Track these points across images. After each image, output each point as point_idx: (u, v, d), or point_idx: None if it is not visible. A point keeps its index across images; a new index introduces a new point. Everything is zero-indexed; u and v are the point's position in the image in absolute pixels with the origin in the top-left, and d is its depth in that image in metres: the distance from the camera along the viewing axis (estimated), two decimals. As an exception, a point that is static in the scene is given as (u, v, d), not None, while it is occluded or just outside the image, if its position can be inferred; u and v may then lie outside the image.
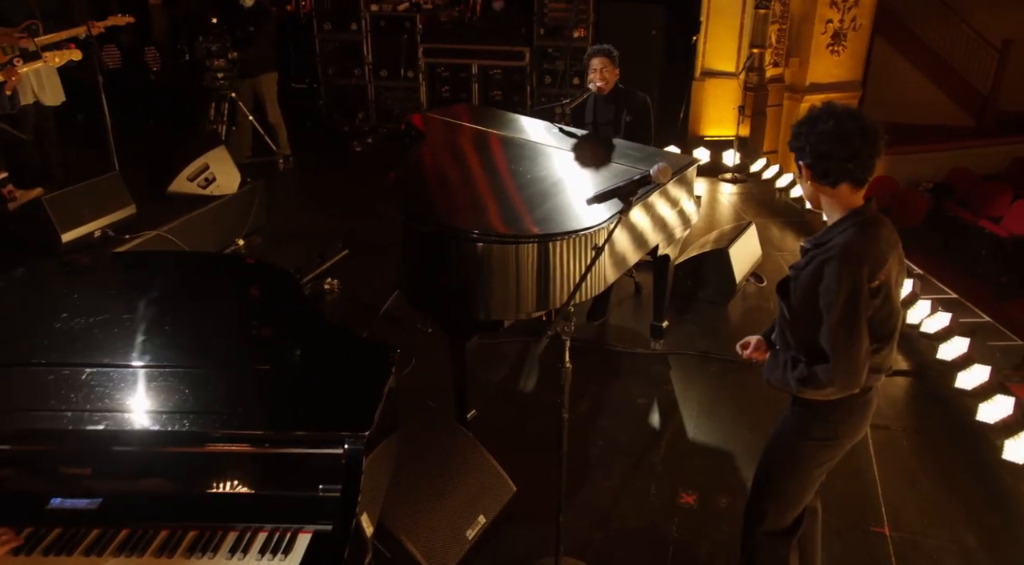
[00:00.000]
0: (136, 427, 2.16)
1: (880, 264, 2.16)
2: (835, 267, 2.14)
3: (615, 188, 2.39)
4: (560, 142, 4.40)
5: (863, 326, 2.15)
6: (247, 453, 2.13)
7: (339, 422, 2.18)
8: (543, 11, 8.49)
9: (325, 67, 9.20)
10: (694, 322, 5.05)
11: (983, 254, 7.99)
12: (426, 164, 4.15)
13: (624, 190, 2.37)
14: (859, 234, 2.18)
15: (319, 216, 6.96)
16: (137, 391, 2.28)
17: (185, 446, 2.13)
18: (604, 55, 4.77)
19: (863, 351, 2.16)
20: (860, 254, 2.14)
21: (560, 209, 3.51)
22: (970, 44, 11.87)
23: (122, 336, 2.45)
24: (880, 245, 2.18)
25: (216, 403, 2.23)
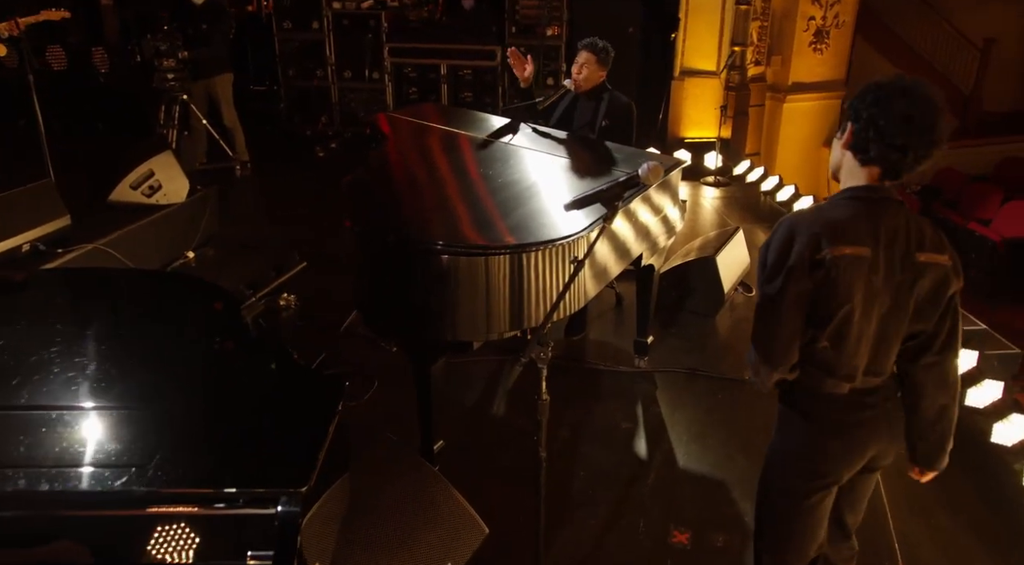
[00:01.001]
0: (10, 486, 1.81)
1: (840, 238, 1.89)
2: (780, 230, 1.99)
3: (598, 191, 2.09)
4: (534, 143, 4.10)
5: (787, 298, 1.91)
6: (152, 516, 1.79)
7: (271, 476, 1.84)
8: (514, 8, 8.21)
9: (286, 68, 8.84)
10: (680, 336, 4.76)
11: (973, 258, 7.81)
12: (387, 167, 3.83)
13: (608, 193, 2.07)
14: (830, 205, 2.01)
15: (278, 226, 6.60)
16: (19, 439, 1.92)
17: (68, 508, 1.78)
18: (591, 50, 4.46)
19: (785, 326, 1.94)
20: (813, 220, 1.94)
21: (534, 216, 3.20)
22: (951, 43, 11.79)
23: (18, 369, 2.10)
24: (857, 222, 1.92)
25: (118, 454, 1.88)
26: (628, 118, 4.59)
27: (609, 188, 2.05)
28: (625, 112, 4.58)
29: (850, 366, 2.00)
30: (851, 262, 1.89)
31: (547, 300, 3.03)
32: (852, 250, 1.88)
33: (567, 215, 3.23)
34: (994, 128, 11.52)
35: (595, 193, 2.09)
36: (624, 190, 2.05)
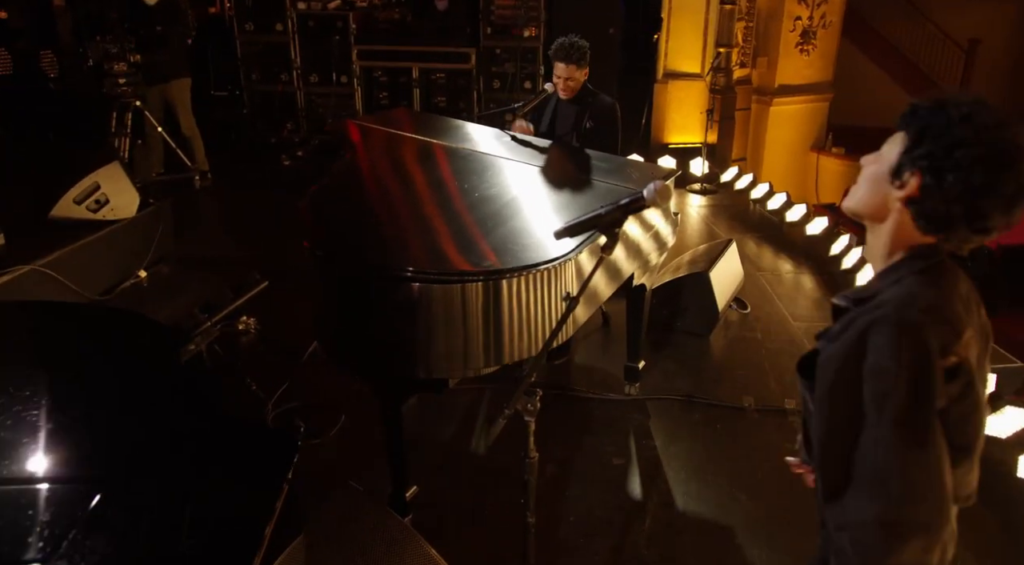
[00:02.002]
0: None
1: (957, 333, 1.42)
2: (889, 335, 1.39)
3: (595, 215, 1.79)
4: (513, 153, 3.80)
5: (936, 428, 1.39)
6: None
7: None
8: (489, 9, 7.92)
9: (248, 72, 8.48)
10: (673, 358, 4.48)
11: (969, 266, 7.60)
12: (352, 181, 3.51)
13: (607, 219, 1.77)
14: (926, 286, 1.45)
15: (239, 240, 6.25)
16: None
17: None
18: (566, 60, 4.18)
19: (943, 468, 1.39)
20: (929, 316, 1.40)
21: (516, 236, 2.90)
22: (936, 44, 11.69)
23: None
24: (956, 306, 1.46)
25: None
26: (613, 120, 4.33)
27: (608, 212, 1.76)
28: (609, 114, 4.32)
29: (969, 482, 1.56)
30: (970, 360, 1.45)
31: (532, 331, 2.73)
32: (965, 348, 1.44)
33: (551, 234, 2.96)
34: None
35: (591, 218, 1.79)
36: (626, 214, 1.76)
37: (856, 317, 1.47)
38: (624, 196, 1.78)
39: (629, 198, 1.76)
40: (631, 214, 1.76)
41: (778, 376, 4.29)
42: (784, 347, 4.59)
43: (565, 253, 2.75)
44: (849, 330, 1.46)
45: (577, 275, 2.87)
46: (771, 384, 4.22)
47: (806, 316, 5.00)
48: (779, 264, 5.92)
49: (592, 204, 3.25)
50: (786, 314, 5.01)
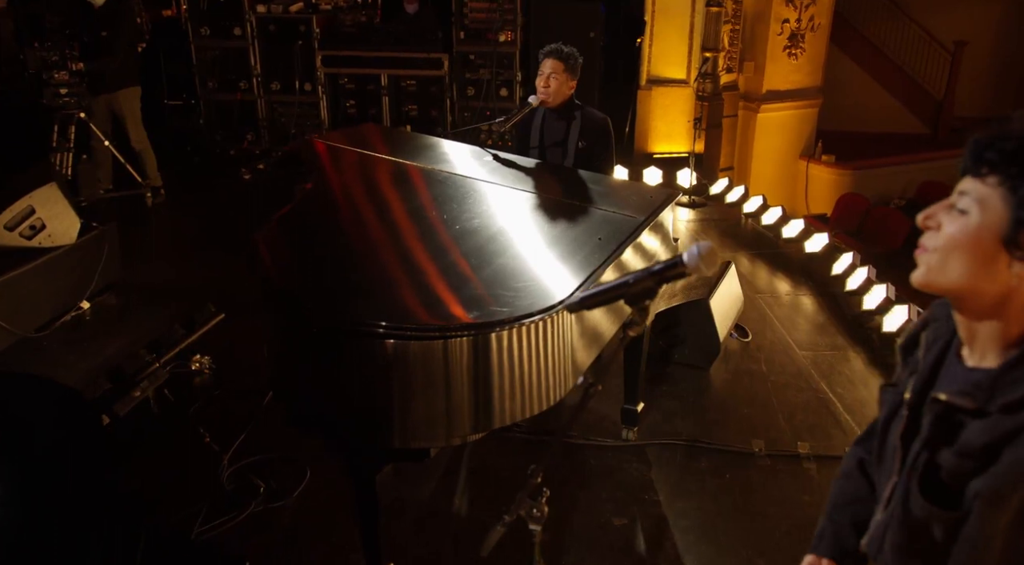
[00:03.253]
0: None
1: None
2: None
3: (619, 285, 1.45)
4: (496, 175, 3.47)
5: None
6: None
7: None
8: (463, 12, 7.59)
9: (204, 80, 8.06)
10: (672, 394, 4.17)
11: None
12: (315, 211, 3.15)
13: (636, 289, 1.43)
14: None
15: (195, 264, 5.84)
16: None
17: None
18: (557, 57, 3.88)
19: None
20: None
21: (505, 278, 2.56)
22: (922, 46, 11.57)
23: None
24: None
25: None
26: (606, 137, 4.04)
27: (637, 281, 1.42)
28: (602, 131, 4.03)
29: None
30: None
31: (526, 391, 2.40)
32: None
33: (549, 273, 2.63)
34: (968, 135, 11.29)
35: (615, 288, 1.45)
36: (659, 283, 1.43)
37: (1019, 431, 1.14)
38: (658, 261, 1.45)
39: (664, 264, 1.42)
40: (665, 282, 1.43)
41: (787, 414, 3.99)
42: (790, 381, 4.30)
43: (565, 298, 2.42)
44: (1017, 445, 1.13)
45: (580, 316, 2.55)
46: (780, 423, 3.92)
47: (810, 343, 4.72)
48: (776, 284, 5.65)
49: (589, 235, 2.93)
50: (790, 342, 4.73)
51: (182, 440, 3.76)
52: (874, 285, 4.94)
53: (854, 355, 4.61)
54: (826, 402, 4.11)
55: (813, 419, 3.96)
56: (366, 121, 7.92)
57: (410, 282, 2.52)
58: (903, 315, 4.53)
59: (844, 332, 4.88)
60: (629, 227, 3.02)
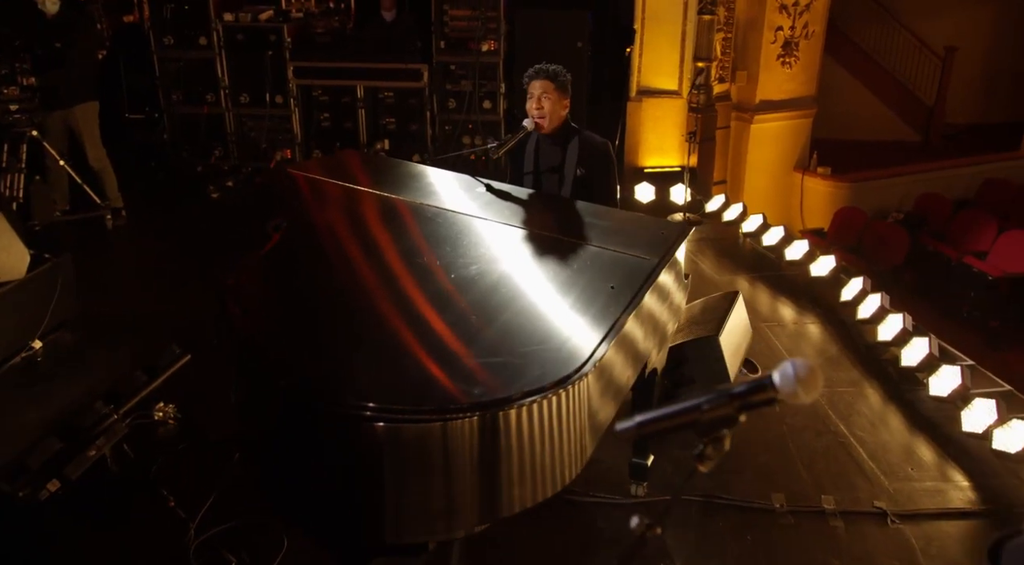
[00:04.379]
0: None
1: None
2: None
3: (688, 409, 1.17)
4: (492, 209, 3.19)
5: None
6: None
7: None
8: (443, 21, 7.30)
9: (168, 92, 7.70)
10: (679, 441, 3.88)
11: (971, 296, 7.25)
12: (293, 255, 2.85)
13: (710, 416, 1.16)
14: None
15: (160, 295, 5.50)
16: None
17: None
18: (545, 76, 3.63)
19: None
20: None
21: (511, 339, 2.28)
22: (913, 52, 11.47)
23: None
24: None
25: None
26: (606, 163, 3.79)
27: (712, 405, 1.14)
28: (602, 156, 3.78)
29: None
30: None
31: (540, 473, 2.13)
32: None
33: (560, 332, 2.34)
34: (961, 143, 11.22)
35: (683, 413, 1.17)
36: (742, 411, 1.15)
37: None
38: (740, 383, 1.18)
39: (748, 387, 1.15)
40: (749, 408, 1.16)
41: (806, 461, 3.74)
42: (807, 423, 4.05)
43: (586, 360, 2.15)
44: None
45: (600, 378, 2.27)
46: (800, 473, 3.67)
47: (826, 378, 4.45)
48: (780, 310, 5.41)
49: (600, 282, 2.65)
50: (802, 377, 4.47)
51: (143, 505, 3.44)
52: (889, 314, 4.71)
53: (871, 391, 4.37)
54: (847, 447, 3.86)
55: (835, 467, 3.71)
56: (340, 135, 7.63)
57: (403, 347, 2.23)
58: (923, 348, 4.31)
59: (858, 365, 4.65)
60: (643, 271, 2.76)
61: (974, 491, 3.56)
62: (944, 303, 7.58)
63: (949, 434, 3.93)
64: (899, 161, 9.87)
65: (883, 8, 11.34)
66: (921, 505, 3.45)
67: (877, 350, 4.73)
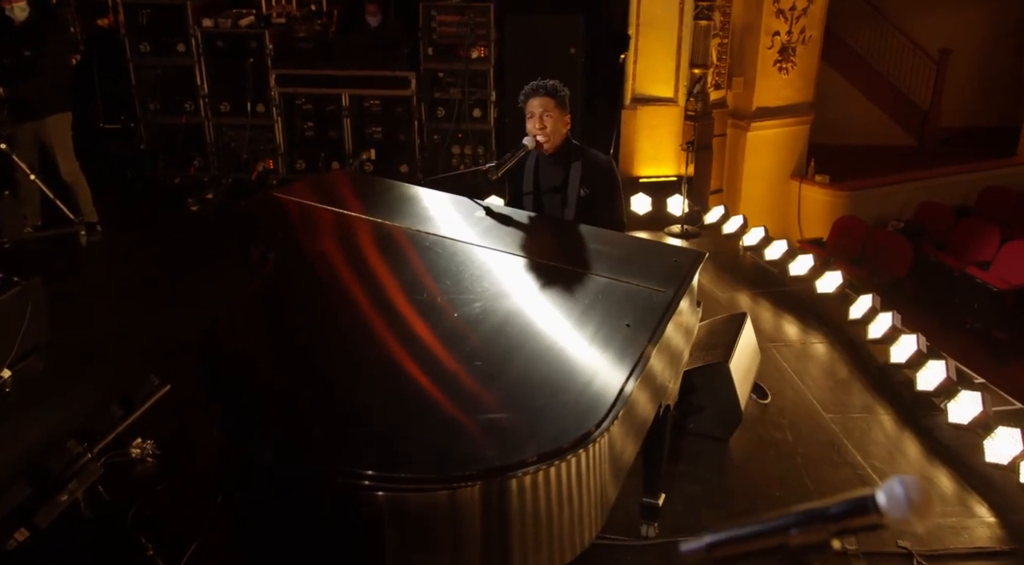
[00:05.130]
0: None
1: None
2: None
3: (775, 529, 1.01)
4: (493, 236, 3.02)
5: None
6: None
7: None
8: (430, 26, 7.12)
9: (144, 101, 7.47)
10: (691, 475, 3.73)
11: (976, 308, 7.13)
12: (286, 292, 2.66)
13: (804, 539, 0.99)
14: None
15: (138, 317, 5.30)
16: None
17: None
18: (544, 93, 3.48)
19: None
20: None
21: (523, 391, 2.10)
22: (907, 55, 11.40)
23: None
24: None
25: None
26: (611, 183, 3.64)
27: (804, 528, 0.97)
28: (606, 175, 3.63)
29: None
30: None
31: (555, 541, 1.94)
32: None
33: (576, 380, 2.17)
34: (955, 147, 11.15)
35: (768, 533, 1.00)
36: (839, 535, 0.98)
37: None
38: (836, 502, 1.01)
39: (846, 507, 0.99)
40: (848, 535, 0.99)
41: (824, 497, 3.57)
42: (823, 454, 3.89)
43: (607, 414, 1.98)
44: None
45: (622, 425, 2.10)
46: (818, 510, 3.50)
47: (836, 403, 4.33)
48: (785, 329, 5.27)
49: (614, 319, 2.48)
50: (813, 402, 4.33)
51: (119, 553, 3.24)
52: (902, 334, 4.57)
53: (886, 417, 4.23)
54: (865, 479, 3.71)
55: (854, 503, 3.55)
56: (325, 144, 7.43)
57: (406, 405, 2.04)
58: (939, 372, 4.16)
59: (870, 388, 4.50)
60: (660, 306, 2.59)
61: (1001, 528, 3.41)
62: (946, 313, 7.46)
63: (971, 464, 3.79)
64: (894, 166, 9.78)
65: (876, 9, 11.26)
66: (947, 544, 3.29)
67: (889, 371, 4.59)
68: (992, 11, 11.50)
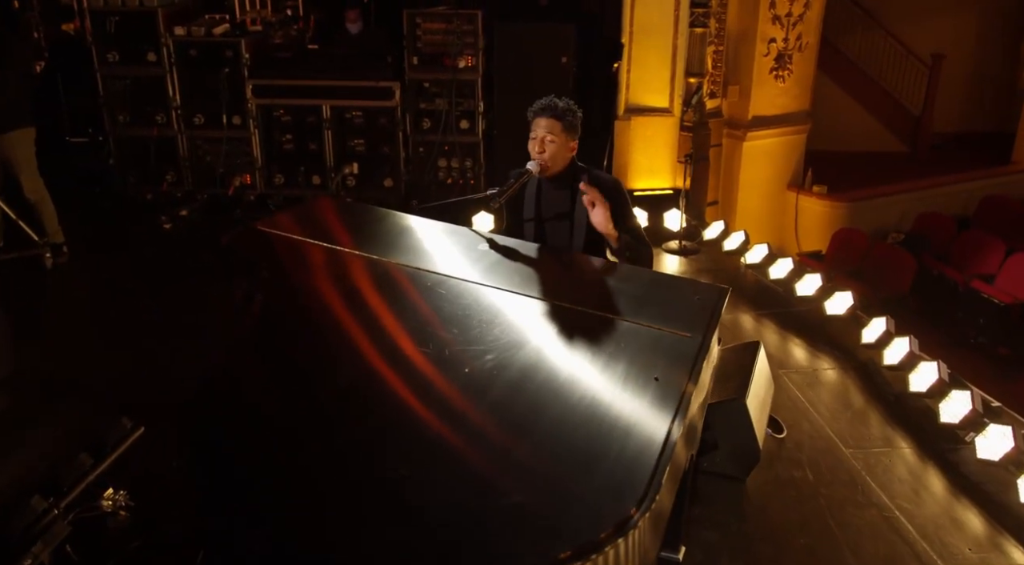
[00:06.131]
0: None
1: None
2: None
3: None
4: (499, 273, 2.81)
5: None
6: None
7: None
8: (415, 34, 6.90)
9: (113, 113, 7.19)
10: (709, 521, 3.53)
11: (981, 323, 7.02)
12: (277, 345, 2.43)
13: None
14: None
15: (109, 345, 5.02)
16: None
17: None
18: (551, 115, 3.29)
19: None
20: None
21: (548, 467, 1.89)
22: (899, 61, 11.34)
23: None
24: None
25: None
26: (622, 202, 3.49)
27: None
28: (616, 195, 3.46)
29: None
30: None
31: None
32: None
33: (606, 450, 1.97)
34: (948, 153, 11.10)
35: None
36: None
37: None
38: None
39: None
40: None
41: (852, 545, 3.40)
42: (846, 494, 3.71)
43: (645, 493, 1.78)
44: None
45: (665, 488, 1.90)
46: (847, 559, 3.32)
47: (856, 437, 4.15)
48: (793, 353, 5.09)
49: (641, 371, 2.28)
50: (831, 435, 4.15)
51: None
52: (921, 361, 4.41)
53: (908, 451, 4.06)
54: (893, 523, 3.53)
55: (885, 550, 3.37)
56: (305, 158, 7.20)
57: (409, 499, 1.82)
58: (964, 403, 4.00)
59: (888, 418, 4.33)
60: (688, 355, 2.40)
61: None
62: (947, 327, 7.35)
63: (1003, 504, 3.62)
64: (887, 173, 9.71)
65: (867, 14, 11.20)
66: (984, 593, 3.14)
67: (907, 399, 4.42)
68: (984, 14, 11.47)
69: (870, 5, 11.18)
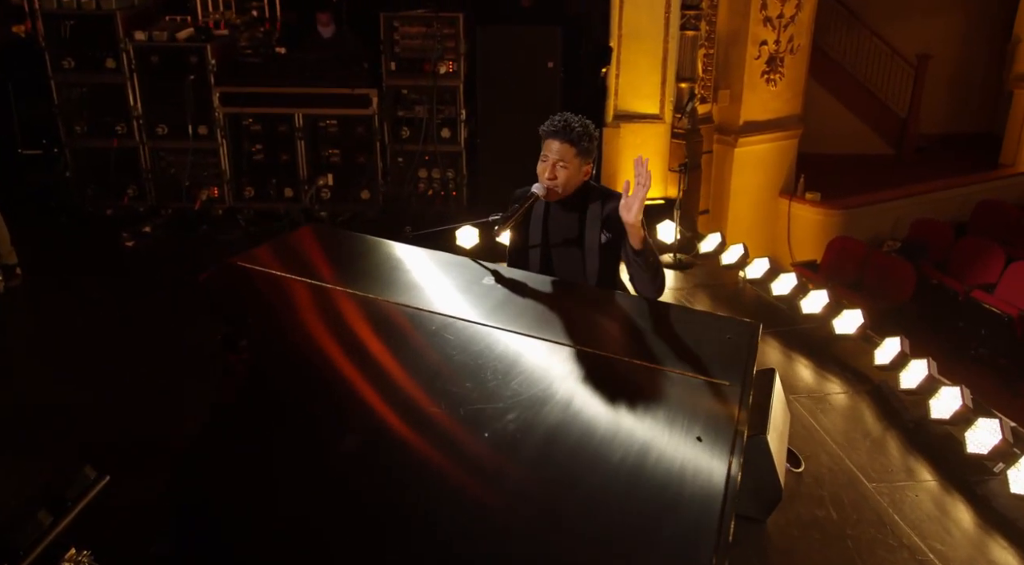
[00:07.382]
0: None
1: None
2: None
3: None
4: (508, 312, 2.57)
5: None
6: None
7: None
8: (392, 38, 6.66)
9: (69, 123, 6.86)
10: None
11: (984, 334, 6.91)
12: (273, 409, 2.17)
13: None
14: None
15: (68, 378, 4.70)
16: None
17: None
18: (565, 138, 3.09)
19: None
20: None
21: (592, 545, 1.66)
22: (883, 61, 11.27)
23: None
24: None
25: None
26: None
27: None
28: None
29: None
30: None
31: None
32: None
33: (655, 512, 1.74)
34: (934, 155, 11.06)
35: None
36: None
37: None
38: None
39: None
40: None
41: (887, 592, 3.21)
42: (874, 534, 3.52)
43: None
44: None
45: None
46: (882, 608, 3.14)
47: (878, 469, 3.97)
48: (802, 376, 4.92)
49: (679, 428, 2.07)
50: (851, 468, 3.97)
51: None
52: (941, 386, 4.24)
53: (934, 484, 3.89)
54: (927, 566, 3.35)
55: (922, 599, 3.20)
56: (276, 170, 6.91)
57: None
58: (993, 432, 3.83)
59: (908, 447, 4.16)
60: (729, 406, 2.18)
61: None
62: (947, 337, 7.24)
63: (1041, 542, 3.46)
64: (874, 176, 9.63)
65: (851, 13, 11.11)
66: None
67: (926, 425, 4.25)
68: (969, 16, 11.45)
69: (855, 5, 11.10)
